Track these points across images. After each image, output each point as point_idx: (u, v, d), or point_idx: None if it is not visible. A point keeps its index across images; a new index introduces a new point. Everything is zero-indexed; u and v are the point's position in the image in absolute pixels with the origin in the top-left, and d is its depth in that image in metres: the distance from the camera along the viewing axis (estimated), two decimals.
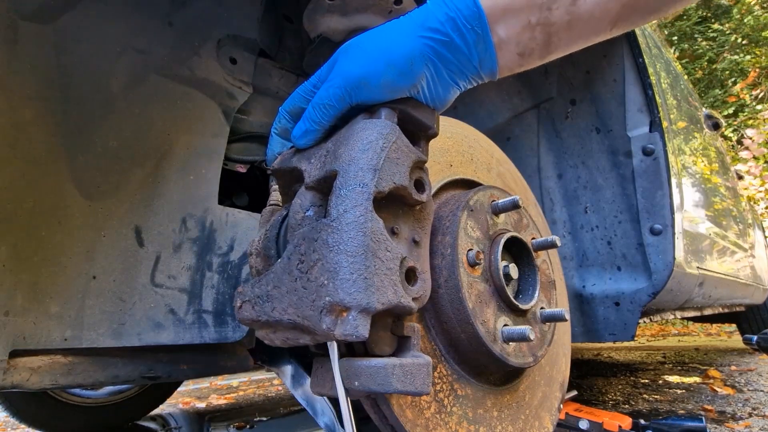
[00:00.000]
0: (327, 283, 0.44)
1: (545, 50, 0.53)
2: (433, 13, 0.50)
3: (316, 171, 0.52)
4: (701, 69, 8.80)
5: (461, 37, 0.50)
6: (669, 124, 1.33)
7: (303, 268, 0.47)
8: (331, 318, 0.44)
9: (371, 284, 0.44)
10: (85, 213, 0.68)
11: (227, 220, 0.84)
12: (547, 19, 0.50)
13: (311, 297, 0.46)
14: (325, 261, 0.45)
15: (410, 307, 0.48)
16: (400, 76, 0.50)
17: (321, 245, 0.46)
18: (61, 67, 0.67)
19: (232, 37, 0.87)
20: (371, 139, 0.49)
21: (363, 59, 0.51)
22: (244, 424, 1.74)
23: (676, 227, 1.19)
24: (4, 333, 0.60)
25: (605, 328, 1.30)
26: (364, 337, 0.43)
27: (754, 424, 1.41)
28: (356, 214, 0.45)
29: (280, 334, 0.53)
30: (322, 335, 0.46)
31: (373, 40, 0.52)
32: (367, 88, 0.50)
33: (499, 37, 0.50)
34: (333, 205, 0.47)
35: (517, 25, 0.50)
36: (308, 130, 0.56)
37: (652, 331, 5.96)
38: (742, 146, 7.43)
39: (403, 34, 0.50)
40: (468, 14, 0.49)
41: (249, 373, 3.19)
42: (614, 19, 0.50)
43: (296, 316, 0.48)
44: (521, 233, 0.76)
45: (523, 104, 1.42)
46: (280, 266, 0.51)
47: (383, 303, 0.45)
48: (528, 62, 0.54)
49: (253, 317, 0.53)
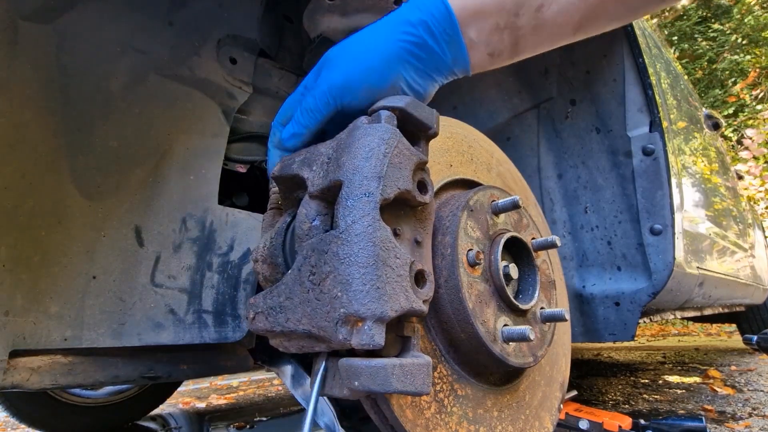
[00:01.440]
0: (340, 295, 0.45)
1: (513, 51, 0.57)
2: (407, 16, 0.54)
3: (319, 180, 0.52)
4: (701, 69, 8.80)
5: (434, 38, 0.53)
6: (669, 124, 1.33)
7: (315, 280, 0.48)
8: (347, 329, 0.45)
9: (384, 293, 0.44)
10: (85, 213, 0.68)
11: (227, 220, 0.84)
12: (515, 24, 0.54)
13: (325, 308, 0.46)
14: (337, 273, 0.45)
15: (422, 311, 0.49)
16: (379, 78, 0.53)
17: (332, 257, 0.46)
18: (61, 67, 0.67)
19: (232, 37, 0.87)
20: (373, 145, 0.49)
21: (345, 65, 0.54)
22: (244, 424, 1.74)
23: (676, 227, 1.19)
24: (4, 333, 0.60)
25: (605, 328, 1.30)
26: (380, 345, 0.44)
27: (754, 424, 1.41)
28: (364, 225, 0.45)
29: (294, 343, 0.53)
30: (337, 344, 0.47)
31: (353, 45, 0.55)
32: (351, 92, 0.54)
33: (470, 39, 0.54)
34: (340, 216, 0.47)
35: (487, 27, 0.54)
36: (296, 133, 0.59)
37: (652, 331, 5.96)
38: (742, 146, 7.43)
39: (381, 38, 0.54)
40: (440, 17, 0.53)
41: (249, 373, 3.19)
42: (577, 25, 0.54)
43: (311, 327, 0.48)
44: (521, 233, 0.76)
45: (523, 104, 1.42)
46: (290, 278, 0.51)
47: (396, 310, 0.45)
48: (498, 61, 0.58)
49: (267, 328, 0.53)
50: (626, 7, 0.54)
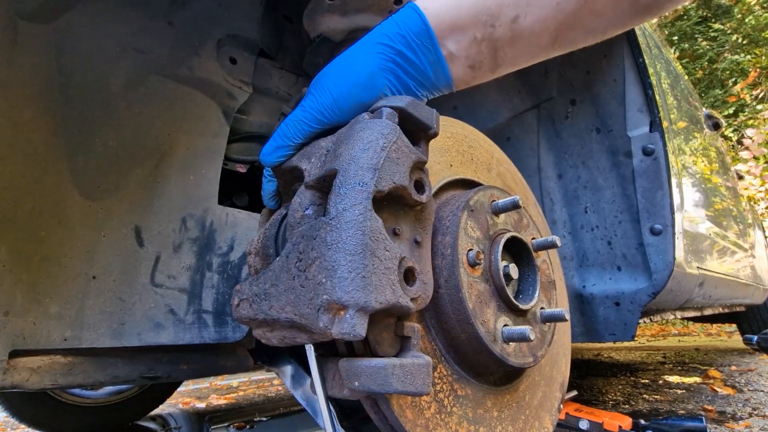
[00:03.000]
0: (325, 281, 0.44)
1: (493, 63, 0.57)
2: (385, 31, 0.55)
3: (316, 170, 0.52)
4: (701, 69, 8.80)
5: (413, 51, 0.54)
6: (669, 124, 1.33)
7: (301, 266, 0.47)
8: (329, 316, 0.44)
9: (369, 283, 0.43)
10: (85, 213, 0.68)
11: (227, 220, 0.84)
12: (492, 35, 0.54)
13: (309, 295, 0.45)
14: (323, 259, 0.45)
15: (408, 307, 0.48)
16: (366, 92, 0.54)
17: (319, 243, 0.46)
18: (61, 67, 0.66)
19: (232, 37, 0.87)
20: (372, 138, 0.49)
21: (332, 85, 0.55)
22: (244, 424, 1.74)
23: (676, 227, 1.19)
24: (3, 333, 0.60)
25: (605, 328, 1.30)
26: (361, 336, 0.43)
27: (754, 424, 1.41)
28: (355, 213, 0.45)
29: (277, 333, 0.53)
30: (319, 334, 0.46)
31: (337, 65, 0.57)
32: (340, 110, 0.55)
33: (449, 51, 0.55)
34: (332, 203, 0.47)
35: (465, 40, 0.55)
36: (280, 146, 0.59)
37: (652, 331, 5.95)
38: (743, 146, 7.43)
39: (362, 54, 0.55)
40: (417, 30, 0.54)
41: (249, 373, 3.19)
42: (553, 35, 0.54)
43: (293, 315, 0.47)
44: (521, 233, 0.76)
45: (523, 104, 1.42)
46: (278, 264, 0.50)
47: (381, 302, 0.44)
48: (480, 75, 0.58)
49: (251, 315, 0.53)
50: (601, 21, 0.53)
